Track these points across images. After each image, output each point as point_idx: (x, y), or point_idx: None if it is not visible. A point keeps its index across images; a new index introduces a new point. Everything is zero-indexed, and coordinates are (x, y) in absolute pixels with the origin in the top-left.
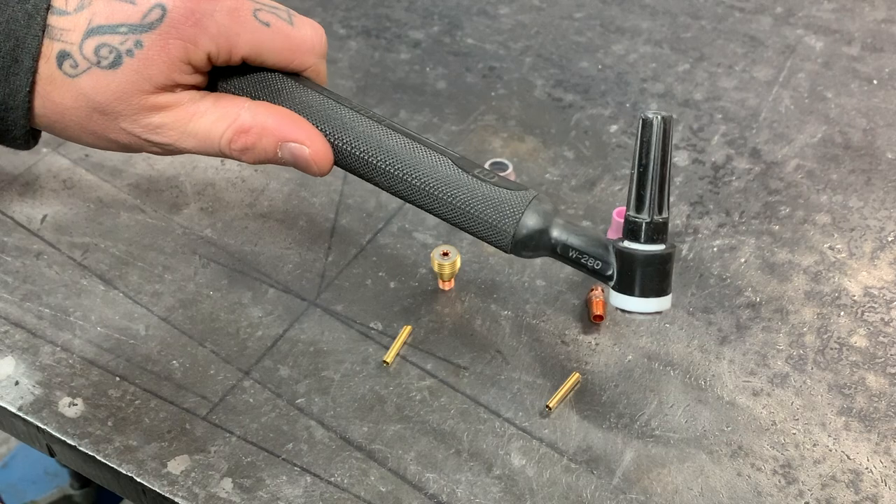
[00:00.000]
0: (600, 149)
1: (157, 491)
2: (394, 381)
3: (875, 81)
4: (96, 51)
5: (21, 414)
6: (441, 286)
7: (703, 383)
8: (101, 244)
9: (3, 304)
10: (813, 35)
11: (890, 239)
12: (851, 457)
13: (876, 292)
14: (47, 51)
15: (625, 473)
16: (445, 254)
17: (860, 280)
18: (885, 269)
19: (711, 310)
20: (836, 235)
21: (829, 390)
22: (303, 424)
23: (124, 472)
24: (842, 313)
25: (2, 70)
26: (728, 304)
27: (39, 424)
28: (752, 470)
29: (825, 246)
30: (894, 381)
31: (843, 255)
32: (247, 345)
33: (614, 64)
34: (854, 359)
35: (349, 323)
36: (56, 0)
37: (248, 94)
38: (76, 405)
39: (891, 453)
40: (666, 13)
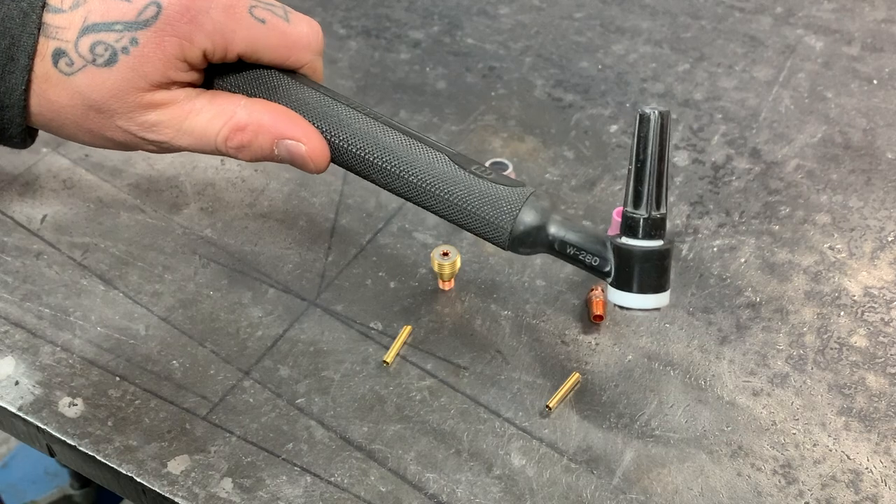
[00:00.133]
0: (600, 149)
1: (157, 491)
2: (394, 381)
3: (875, 81)
4: (92, 48)
5: (21, 414)
6: (441, 286)
7: (703, 383)
8: (101, 244)
9: (3, 304)
10: (813, 35)
11: (890, 239)
12: (851, 457)
13: (876, 292)
14: (43, 49)
15: (625, 473)
16: (445, 254)
17: (860, 280)
18: (885, 269)
19: (711, 310)
20: (836, 235)
21: (829, 390)
22: (303, 424)
23: (124, 472)
24: (842, 313)
25: None
26: (728, 304)
27: (39, 424)
28: (752, 470)
29: (825, 246)
30: (894, 381)
31: (843, 255)
32: (247, 345)
33: (614, 64)
34: (854, 359)
35: (349, 323)
36: None
37: (244, 91)
38: (76, 405)
39: (891, 453)
40: (666, 13)
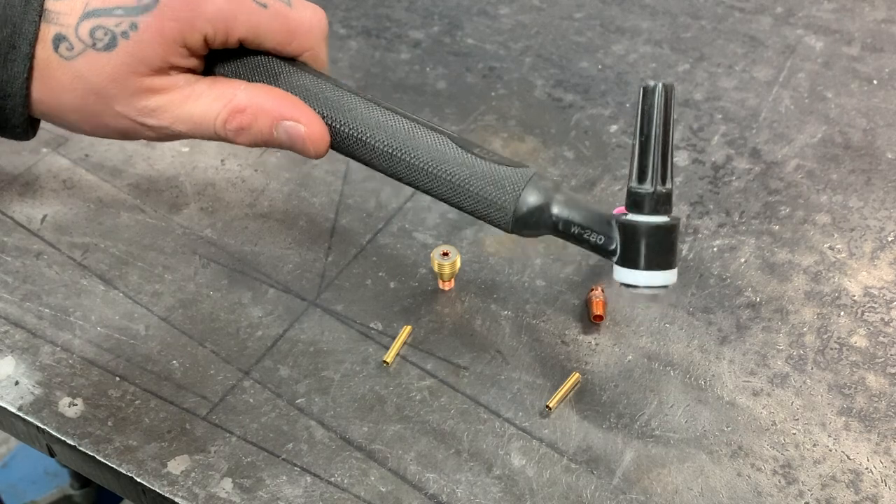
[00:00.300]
0: (600, 149)
1: (157, 491)
2: (394, 381)
3: (875, 81)
4: (91, 33)
5: (21, 414)
6: (441, 286)
7: (703, 383)
8: (101, 244)
9: (3, 304)
10: (813, 35)
11: (890, 239)
12: (851, 457)
13: (876, 292)
14: (44, 34)
15: (625, 473)
16: (445, 254)
17: (860, 280)
18: (885, 269)
19: (711, 310)
20: (836, 235)
21: (829, 390)
22: (303, 424)
23: (124, 472)
24: (842, 313)
25: None
26: (728, 304)
27: (39, 424)
28: (752, 470)
29: (825, 246)
30: (894, 381)
31: (843, 255)
32: (247, 345)
33: (614, 64)
34: (854, 359)
35: (349, 323)
36: None
37: (244, 78)
38: (76, 405)
39: (891, 453)
40: (666, 13)
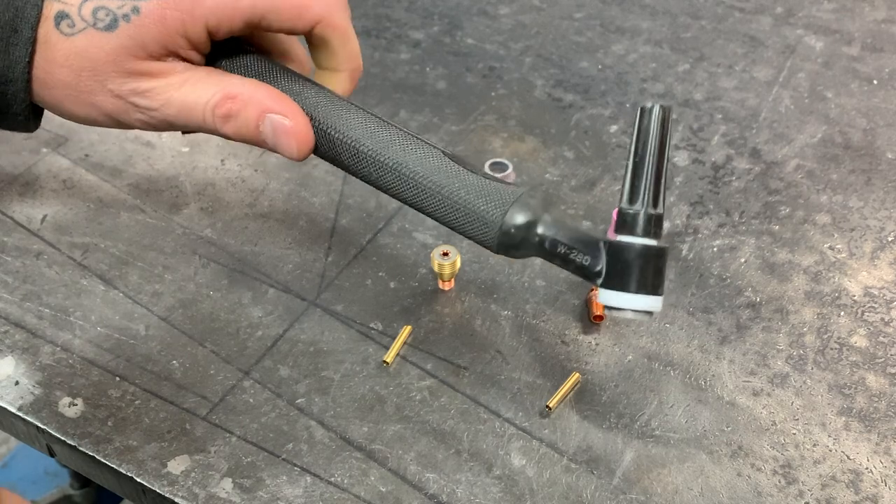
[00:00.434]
0: (600, 149)
1: (157, 491)
2: (394, 381)
3: (875, 81)
4: (94, 13)
5: (21, 414)
6: (441, 286)
7: (703, 383)
8: (101, 244)
9: (3, 304)
10: (813, 35)
11: (890, 239)
12: (851, 457)
13: (876, 292)
14: (47, 11)
15: (625, 473)
16: (445, 254)
17: (860, 280)
18: (885, 269)
19: (711, 310)
20: (836, 235)
21: (829, 390)
22: (303, 424)
23: (124, 472)
24: (842, 313)
25: (0, 41)
26: (728, 304)
27: (39, 424)
28: (752, 470)
29: (825, 246)
30: (894, 381)
31: (843, 255)
32: (247, 345)
33: (614, 64)
34: (854, 359)
35: (349, 323)
36: None
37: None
38: (76, 405)
39: (891, 453)
40: (666, 13)
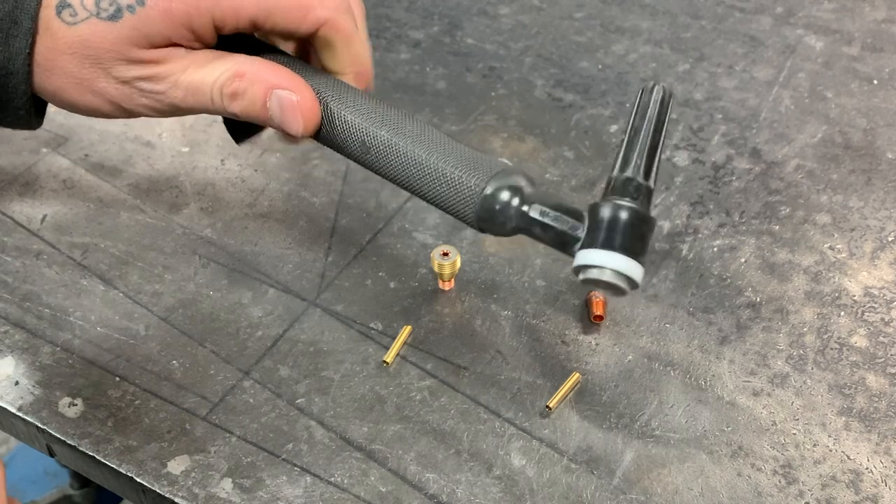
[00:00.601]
0: (600, 149)
1: (157, 491)
2: (394, 381)
3: (875, 81)
4: (97, 2)
5: (21, 414)
6: (441, 286)
7: (703, 383)
8: (101, 244)
9: (3, 304)
10: (813, 35)
11: (890, 239)
12: (852, 457)
13: (876, 292)
14: (48, 0)
15: (625, 473)
16: (445, 254)
17: (860, 280)
18: (885, 269)
19: (711, 310)
20: (836, 235)
21: (829, 390)
22: (303, 424)
23: (124, 472)
24: (842, 313)
25: (0, 33)
26: (728, 304)
27: (39, 424)
28: (753, 470)
29: (825, 246)
30: (894, 382)
31: (844, 255)
32: (247, 345)
33: (614, 64)
34: (854, 359)
35: (349, 323)
36: None
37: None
38: (76, 405)
39: (891, 453)
40: (666, 13)
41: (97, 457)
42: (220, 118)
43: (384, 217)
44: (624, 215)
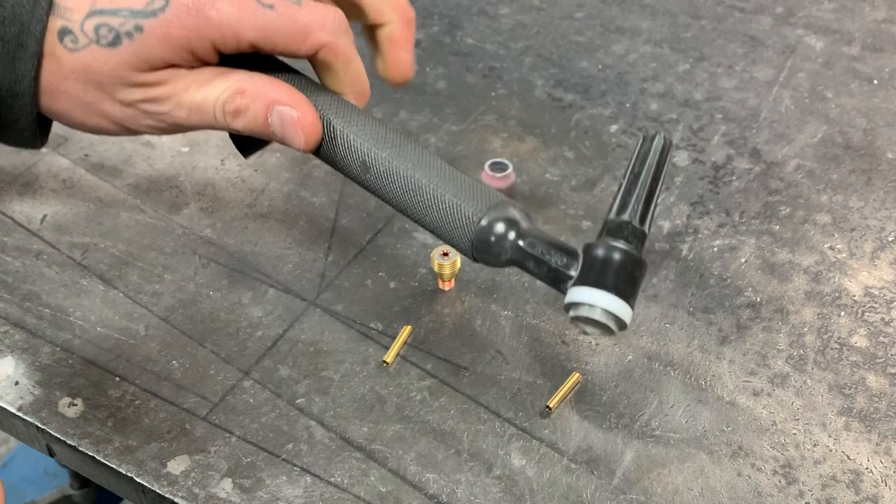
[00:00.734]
0: (600, 149)
1: (157, 491)
2: (394, 381)
3: (875, 81)
4: (96, 29)
5: (21, 414)
6: (441, 286)
7: (703, 383)
8: (101, 244)
9: (3, 304)
10: (813, 35)
11: (890, 239)
12: (852, 457)
13: (876, 292)
14: (50, 26)
15: (625, 473)
16: (445, 254)
17: (860, 280)
18: (885, 269)
19: (711, 310)
20: (836, 235)
21: (829, 390)
22: (303, 424)
23: (124, 473)
24: (842, 313)
25: (6, 55)
26: (728, 304)
27: (39, 424)
28: (753, 470)
29: (825, 246)
30: (894, 382)
31: (844, 255)
32: (247, 345)
33: (614, 64)
34: (854, 359)
35: (349, 323)
36: None
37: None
38: (76, 405)
39: (891, 453)
40: (666, 13)
41: (97, 457)
42: None
43: (384, 217)
44: (618, 256)
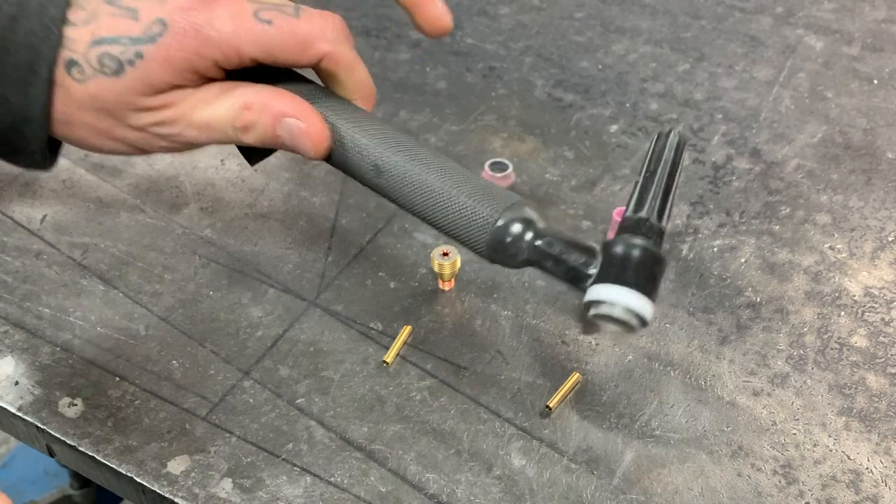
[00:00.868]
0: (600, 149)
1: (157, 491)
2: (394, 381)
3: (875, 81)
4: (100, 59)
5: (21, 414)
6: (441, 286)
7: (703, 383)
8: (101, 244)
9: (3, 304)
10: (813, 35)
11: (890, 239)
12: (852, 457)
13: (876, 292)
14: (59, 57)
15: (625, 473)
16: (445, 254)
17: (860, 280)
18: (885, 269)
19: (711, 310)
20: (836, 235)
21: (829, 390)
22: (303, 424)
23: (124, 472)
24: (842, 313)
25: (20, 82)
26: (728, 304)
27: (39, 424)
28: (753, 470)
29: (825, 246)
30: (894, 381)
31: (844, 255)
32: (247, 345)
33: (614, 64)
34: (854, 359)
35: (349, 323)
36: (68, 13)
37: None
38: (76, 405)
39: (891, 453)
40: (666, 13)
41: (97, 457)
42: None
43: (384, 217)
44: (637, 253)
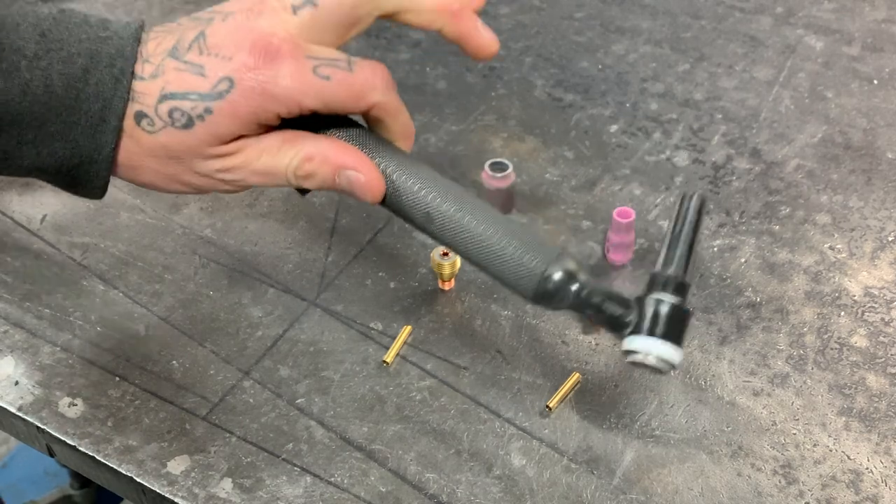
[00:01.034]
0: (600, 149)
1: (157, 491)
2: (394, 381)
3: (875, 81)
4: (170, 113)
5: (21, 414)
6: (441, 286)
7: (703, 383)
8: (101, 244)
9: (3, 304)
10: (813, 35)
11: (890, 239)
12: (852, 457)
13: (876, 292)
14: (128, 110)
15: (625, 473)
16: (445, 254)
17: (860, 280)
18: (885, 269)
19: (711, 310)
20: (836, 235)
21: (829, 390)
22: (303, 424)
23: (124, 472)
24: (842, 313)
25: (90, 128)
26: (728, 304)
27: (39, 424)
28: (753, 470)
29: (825, 246)
30: (894, 382)
31: (844, 255)
32: (247, 345)
33: (614, 64)
34: (854, 359)
35: (349, 323)
36: (135, 66)
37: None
38: (76, 405)
39: (891, 453)
40: (666, 13)
41: (97, 457)
42: None
43: (384, 217)
44: (666, 310)
